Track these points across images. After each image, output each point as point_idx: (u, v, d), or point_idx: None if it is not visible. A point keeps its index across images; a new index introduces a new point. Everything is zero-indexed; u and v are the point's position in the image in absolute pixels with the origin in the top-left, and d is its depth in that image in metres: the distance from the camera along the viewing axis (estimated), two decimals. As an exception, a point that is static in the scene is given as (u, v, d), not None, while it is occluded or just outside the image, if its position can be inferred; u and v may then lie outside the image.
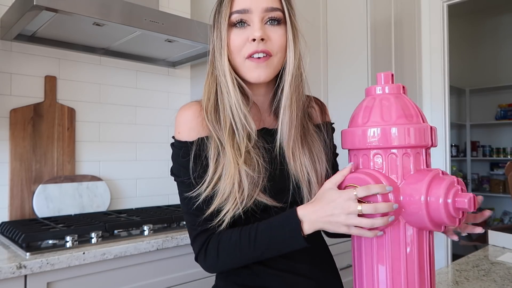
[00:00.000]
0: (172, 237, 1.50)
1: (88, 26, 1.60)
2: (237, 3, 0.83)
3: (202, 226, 0.83)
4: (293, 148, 0.88)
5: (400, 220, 0.70)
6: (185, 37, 1.73)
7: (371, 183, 0.69)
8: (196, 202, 0.83)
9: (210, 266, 0.85)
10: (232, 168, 0.80)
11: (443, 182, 0.66)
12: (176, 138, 0.89)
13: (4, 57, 1.71)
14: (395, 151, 0.71)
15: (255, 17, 0.83)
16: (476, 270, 1.22)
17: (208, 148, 0.84)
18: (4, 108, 1.70)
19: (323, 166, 0.91)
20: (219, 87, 0.87)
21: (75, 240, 1.37)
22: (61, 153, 1.83)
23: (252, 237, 0.79)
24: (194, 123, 0.87)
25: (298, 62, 0.90)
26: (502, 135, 4.86)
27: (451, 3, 3.05)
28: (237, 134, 0.84)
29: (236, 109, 0.84)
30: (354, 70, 2.64)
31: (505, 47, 4.77)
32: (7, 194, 1.69)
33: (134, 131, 2.11)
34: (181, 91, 2.30)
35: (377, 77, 0.81)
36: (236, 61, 0.85)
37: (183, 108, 0.90)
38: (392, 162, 0.72)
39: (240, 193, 0.80)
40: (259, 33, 0.81)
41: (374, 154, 0.73)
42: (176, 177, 0.89)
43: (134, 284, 1.43)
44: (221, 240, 0.81)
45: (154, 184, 2.17)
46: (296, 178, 0.87)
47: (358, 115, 0.81)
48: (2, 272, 1.13)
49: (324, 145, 0.94)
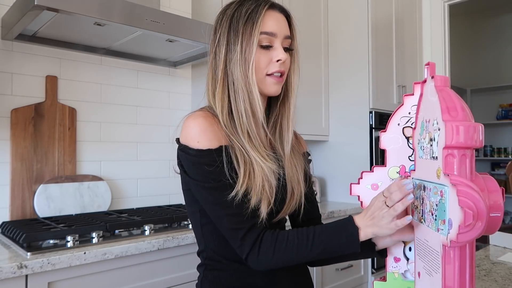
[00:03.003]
0: (173, 237, 1.50)
1: (89, 26, 1.60)
2: (267, 25, 0.94)
3: (248, 223, 0.88)
4: (290, 159, 1.01)
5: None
6: (186, 37, 1.72)
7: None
8: (234, 202, 0.87)
9: (263, 262, 0.88)
10: (260, 165, 0.90)
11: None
12: (194, 148, 0.89)
13: (5, 57, 1.71)
14: (467, 152, 0.64)
15: (278, 41, 0.95)
16: (477, 270, 1.22)
17: (231, 154, 0.90)
18: (5, 108, 1.70)
19: (302, 176, 1.03)
20: (233, 95, 0.94)
21: (76, 240, 1.37)
22: (62, 153, 1.83)
23: (310, 238, 0.86)
24: (213, 132, 0.91)
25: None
26: (503, 135, 4.86)
27: (452, 3, 3.04)
28: (253, 138, 0.93)
29: (254, 116, 0.94)
30: (355, 69, 2.63)
31: (506, 47, 4.77)
32: (8, 194, 1.69)
33: (135, 131, 2.11)
34: (182, 91, 2.30)
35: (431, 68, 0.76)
36: (257, 77, 0.94)
37: (195, 118, 0.91)
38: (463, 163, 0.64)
39: (269, 188, 0.90)
40: (284, 57, 0.95)
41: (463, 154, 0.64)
42: (201, 183, 0.90)
43: (135, 284, 1.43)
44: (278, 239, 0.87)
45: (155, 184, 2.17)
46: (284, 180, 0.97)
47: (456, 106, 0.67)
48: (3, 272, 1.13)
49: (304, 164, 1.06)
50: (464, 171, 0.64)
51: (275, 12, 0.96)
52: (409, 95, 0.93)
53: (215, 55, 0.96)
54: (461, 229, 0.59)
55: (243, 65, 0.92)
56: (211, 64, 0.98)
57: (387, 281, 0.90)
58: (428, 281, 0.72)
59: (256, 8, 0.94)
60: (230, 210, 0.87)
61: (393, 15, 2.79)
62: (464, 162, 0.64)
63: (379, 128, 2.53)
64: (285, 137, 1.01)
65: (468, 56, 4.99)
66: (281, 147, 1.00)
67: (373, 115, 2.54)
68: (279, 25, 0.95)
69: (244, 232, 0.87)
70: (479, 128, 0.63)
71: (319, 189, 2.65)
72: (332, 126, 2.78)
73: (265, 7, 0.94)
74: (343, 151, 2.71)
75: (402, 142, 0.92)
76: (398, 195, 0.78)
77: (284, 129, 1.01)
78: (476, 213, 0.58)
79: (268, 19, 0.94)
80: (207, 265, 0.99)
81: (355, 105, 2.63)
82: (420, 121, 0.77)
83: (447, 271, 0.65)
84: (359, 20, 2.64)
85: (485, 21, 4.90)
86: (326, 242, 0.86)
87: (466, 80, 4.94)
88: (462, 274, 0.64)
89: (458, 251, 0.64)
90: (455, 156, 0.63)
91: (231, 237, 0.89)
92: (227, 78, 0.94)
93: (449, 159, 0.64)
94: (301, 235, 0.87)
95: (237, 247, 0.89)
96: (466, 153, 0.63)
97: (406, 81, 2.87)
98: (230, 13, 0.95)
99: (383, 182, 0.93)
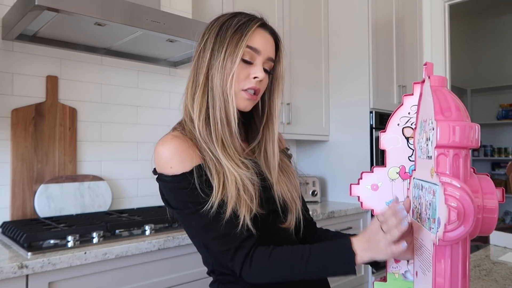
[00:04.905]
0: (173, 237, 1.50)
1: (89, 26, 1.60)
2: (254, 41, 0.94)
3: (235, 243, 0.87)
4: (279, 179, 1.02)
5: None
6: (187, 37, 1.72)
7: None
8: (218, 223, 0.86)
9: (258, 278, 0.88)
10: (233, 173, 0.89)
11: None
12: (169, 174, 0.90)
13: (6, 57, 1.71)
14: (462, 152, 0.63)
15: (260, 60, 0.96)
16: (477, 270, 1.22)
17: (206, 170, 0.90)
18: (6, 108, 1.70)
19: (297, 179, 1.06)
20: (211, 101, 0.94)
21: (77, 240, 1.37)
22: (62, 153, 1.84)
23: (305, 259, 0.85)
24: (183, 152, 0.90)
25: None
26: (504, 135, 4.85)
27: (453, 3, 3.04)
28: (227, 146, 0.93)
29: (229, 126, 0.94)
30: (355, 69, 2.63)
31: (506, 47, 4.77)
32: (8, 194, 1.69)
33: (135, 131, 2.11)
34: (182, 91, 2.25)
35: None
36: (234, 89, 0.94)
37: (163, 143, 0.92)
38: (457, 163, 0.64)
39: (247, 196, 0.89)
40: (262, 75, 0.95)
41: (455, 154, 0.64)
42: (182, 210, 0.90)
43: (135, 284, 1.43)
44: (271, 256, 0.86)
45: (156, 184, 2.15)
46: (281, 198, 0.99)
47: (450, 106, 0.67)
48: (3, 272, 1.13)
49: (294, 171, 1.08)
50: (456, 170, 0.63)
51: (265, 32, 0.97)
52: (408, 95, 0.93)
53: (199, 57, 0.97)
54: (447, 228, 0.59)
55: (223, 75, 0.92)
56: (194, 66, 0.98)
57: (388, 282, 0.90)
58: (423, 280, 0.73)
59: (248, 22, 0.95)
60: (215, 233, 0.87)
61: (393, 15, 2.79)
62: (457, 161, 0.63)
63: (380, 128, 2.53)
64: (271, 161, 1.01)
65: (469, 56, 4.99)
66: (268, 170, 1.01)
67: (373, 115, 2.54)
68: (265, 45, 0.96)
69: (232, 253, 0.87)
70: (475, 128, 0.62)
71: (319, 189, 2.65)
72: (332, 126, 2.78)
73: (257, 24, 0.95)
74: (344, 151, 2.71)
75: (402, 142, 0.92)
76: (393, 220, 0.77)
77: (269, 154, 1.02)
78: (462, 212, 0.58)
79: (256, 35, 0.95)
80: (220, 280, 0.98)
81: (355, 105, 2.63)
82: (419, 121, 0.78)
83: (437, 269, 0.65)
84: (359, 20, 2.64)
85: (486, 21, 4.90)
86: (321, 266, 0.85)
87: (467, 80, 4.93)
88: (454, 273, 0.64)
89: (450, 249, 0.64)
90: (447, 156, 0.63)
91: (222, 259, 0.89)
92: (208, 83, 0.94)
93: (441, 158, 0.64)
94: (295, 254, 0.86)
95: (231, 267, 0.89)
96: (460, 153, 0.63)
97: (406, 81, 2.87)
98: (221, 21, 0.96)
99: (383, 182, 0.93)
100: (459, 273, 0.64)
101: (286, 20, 2.47)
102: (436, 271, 0.65)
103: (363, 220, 2.54)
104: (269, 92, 1.03)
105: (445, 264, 0.64)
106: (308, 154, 2.92)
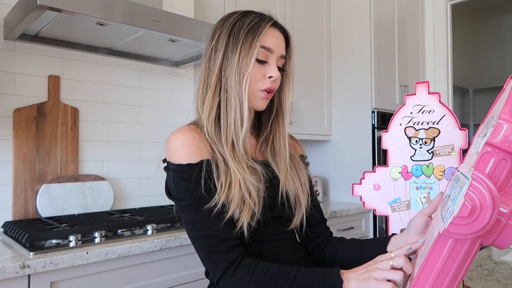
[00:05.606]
0: (175, 237, 1.50)
1: (91, 26, 1.60)
2: (267, 40, 0.95)
3: (224, 246, 0.85)
4: (287, 174, 1.00)
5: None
6: (189, 37, 1.73)
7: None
8: (211, 221, 0.85)
9: (234, 285, 0.85)
10: (238, 177, 0.88)
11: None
12: (175, 163, 0.90)
13: (8, 57, 1.71)
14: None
15: (273, 58, 0.96)
16: (479, 269, 1.22)
17: (212, 168, 0.89)
18: (8, 108, 1.71)
19: (307, 185, 1.04)
20: (223, 103, 0.93)
21: (79, 239, 1.37)
22: (64, 152, 1.84)
23: (291, 277, 0.82)
24: (195, 145, 0.90)
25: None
26: (506, 135, 4.84)
27: (455, 2, 3.04)
28: (237, 148, 0.92)
29: (242, 126, 0.93)
30: (357, 69, 2.63)
31: (508, 47, 4.75)
32: (10, 193, 1.69)
33: (137, 131, 2.11)
34: (184, 90, 2.30)
35: None
36: (249, 89, 0.94)
37: (178, 133, 0.92)
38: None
39: (251, 200, 0.88)
40: (277, 74, 0.95)
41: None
42: (179, 201, 0.90)
43: (137, 283, 1.43)
44: (257, 269, 0.84)
45: (158, 184, 2.17)
46: (286, 195, 0.98)
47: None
48: (5, 272, 1.13)
49: (305, 170, 1.07)
50: (496, 174, 0.58)
51: (276, 30, 0.98)
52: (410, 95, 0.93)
53: (210, 58, 0.96)
54: (455, 220, 0.55)
55: (238, 76, 0.92)
56: (204, 67, 0.97)
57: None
58: (416, 262, 0.72)
59: (260, 22, 0.95)
60: (206, 232, 0.86)
61: (395, 15, 2.79)
62: (502, 166, 0.58)
63: (382, 128, 2.53)
64: (279, 156, 1.01)
65: (471, 55, 4.98)
66: (276, 165, 1.00)
67: (375, 115, 2.54)
68: (277, 43, 0.97)
69: (218, 255, 0.85)
70: None
71: (321, 189, 2.65)
72: (334, 126, 2.78)
73: (269, 23, 0.96)
74: (346, 151, 2.70)
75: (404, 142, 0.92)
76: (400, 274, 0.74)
77: (277, 148, 1.01)
78: (476, 211, 0.54)
79: (269, 35, 0.95)
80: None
81: (357, 104, 2.62)
82: (488, 116, 0.71)
83: (430, 258, 0.62)
84: (361, 20, 2.63)
85: (488, 21, 4.89)
86: (307, 285, 0.82)
87: (469, 80, 4.92)
88: (446, 269, 0.61)
89: (453, 244, 0.60)
90: (493, 156, 0.58)
91: (205, 258, 0.88)
92: (220, 85, 0.94)
93: (485, 156, 0.59)
94: (282, 271, 0.84)
95: (211, 270, 0.87)
96: (508, 158, 0.57)
97: (408, 80, 2.87)
98: (232, 21, 0.95)
99: (385, 182, 0.93)
100: (451, 271, 0.61)
101: (288, 20, 2.47)
102: (428, 260, 0.62)
103: (365, 219, 2.54)
104: (280, 87, 1.03)
105: (441, 257, 0.61)
106: (310, 154, 2.92)
